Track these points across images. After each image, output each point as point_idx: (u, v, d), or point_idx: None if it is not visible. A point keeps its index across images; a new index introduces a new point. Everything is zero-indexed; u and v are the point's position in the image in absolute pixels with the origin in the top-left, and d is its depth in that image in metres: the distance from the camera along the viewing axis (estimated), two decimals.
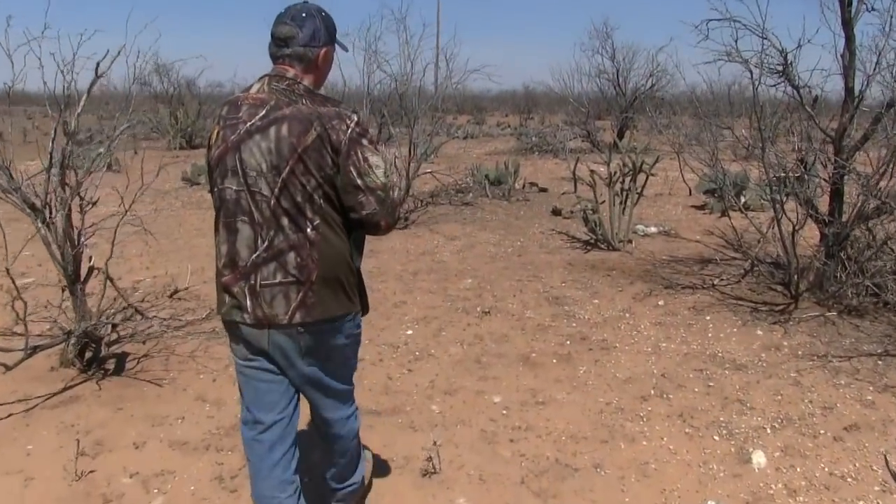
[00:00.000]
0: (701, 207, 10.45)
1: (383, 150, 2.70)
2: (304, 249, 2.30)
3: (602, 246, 7.92)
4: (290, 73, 2.37)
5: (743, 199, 10.05)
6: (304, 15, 2.37)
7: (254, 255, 2.33)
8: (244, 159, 2.29)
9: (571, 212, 9.57)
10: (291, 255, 2.30)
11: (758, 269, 6.56)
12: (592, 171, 7.68)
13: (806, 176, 6.05)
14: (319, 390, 2.59)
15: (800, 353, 4.92)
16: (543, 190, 11.84)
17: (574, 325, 5.46)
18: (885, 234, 6.31)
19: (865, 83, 5.79)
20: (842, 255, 6.02)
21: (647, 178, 7.84)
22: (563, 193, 10.47)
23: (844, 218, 6.10)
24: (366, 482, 3.13)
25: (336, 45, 2.50)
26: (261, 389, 2.53)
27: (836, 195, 6.06)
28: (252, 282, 2.34)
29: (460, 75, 10.14)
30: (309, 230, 2.30)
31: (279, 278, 2.32)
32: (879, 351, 4.90)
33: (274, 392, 2.53)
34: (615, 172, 7.76)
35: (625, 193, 7.82)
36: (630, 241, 7.96)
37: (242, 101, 2.35)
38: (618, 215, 7.81)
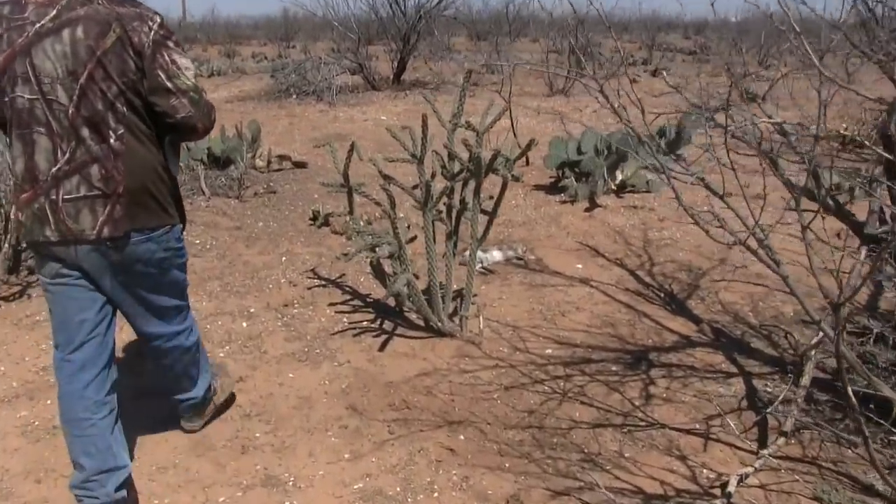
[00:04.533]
0: (553, 188, 6.61)
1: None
2: (109, 161, 2.17)
3: (416, 321, 3.87)
4: None
5: (620, 176, 6.32)
6: None
7: (54, 169, 2.17)
8: (36, 65, 2.11)
9: (348, 222, 5.40)
10: (95, 168, 2.17)
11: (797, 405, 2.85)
12: (388, 179, 3.49)
13: None
14: (139, 305, 2.44)
15: None
16: (301, 165, 7.48)
17: None
18: None
19: None
20: None
21: (504, 185, 3.75)
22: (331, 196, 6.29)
23: None
24: (217, 396, 2.96)
25: None
26: (70, 308, 2.36)
27: None
28: (53, 197, 2.18)
29: None
30: (112, 140, 2.17)
31: (83, 192, 2.18)
32: None
33: (85, 310, 2.36)
34: (432, 177, 3.65)
35: (454, 214, 3.73)
36: (474, 306, 3.91)
37: (28, 0, 2.14)
38: (446, 265, 3.74)
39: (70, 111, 2.14)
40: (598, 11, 2.87)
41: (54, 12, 2.12)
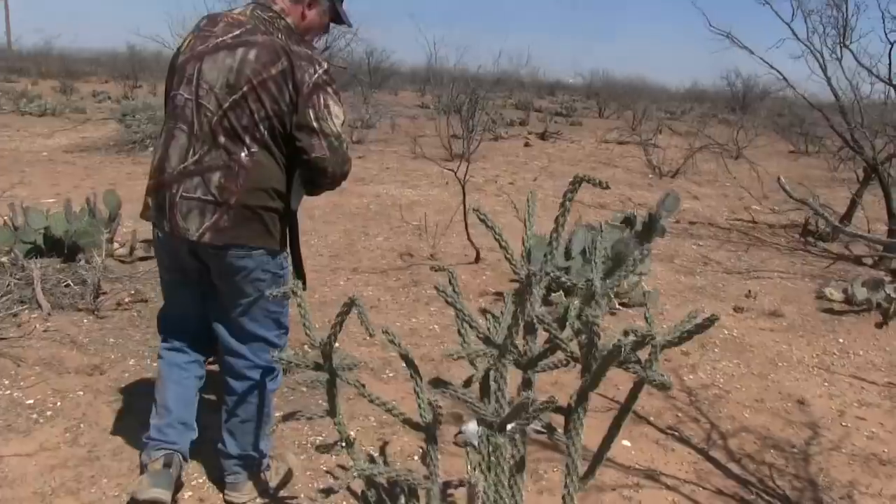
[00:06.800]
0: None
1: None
2: (231, 172, 2.29)
3: None
4: (278, 6, 2.41)
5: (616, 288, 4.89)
6: None
7: (181, 166, 2.32)
8: (203, 70, 2.31)
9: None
10: (217, 175, 2.29)
11: None
12: (439, 386, 1.87)
13: None
14: (229, 320, 2.52)
15: None
16: None
17: None
18: None
19: None
20: None
21: (638, 388, 2.19)
22: None
23: None
24: (270, 474, 2.75)
25: (335, 6, 2.54)
26: (173, 296, 2.66)
27: None
28: (174, 191, 2.33)
29: None
30: (243, 155, 2.29)
31: (199, 194, 2.30)
32: None
33: (186, 302, 2.62)
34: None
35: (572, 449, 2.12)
36: None
37: (222, 18, 2.40)
38: None
39: (214, 119, 2.29)
40: None
41: (238, 32, 2.33)
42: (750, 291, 5.42)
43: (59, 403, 3.31)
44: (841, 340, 4.66)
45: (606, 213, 7.23)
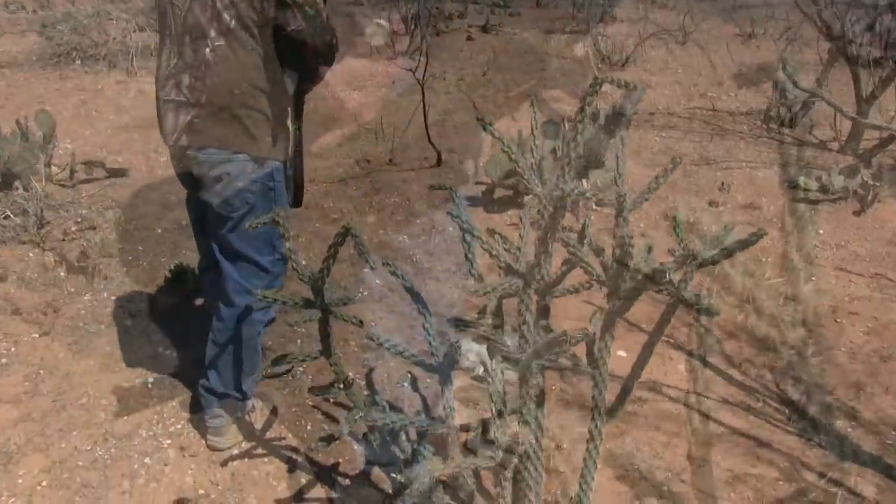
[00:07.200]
0: (493, 203, 4.90)
1: None
2: (199, 70, 2.18)
3: None
4: None
5: (586, 186, 4.71)
6: None
7: (165, 71, 2.26)
8: None
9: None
10: (186, 75, 2.20)
11: None
12: (459, 325, 1.65)
13: None
14: (220, 240, 2.38)
15: None
16: (119, 173, 5.19)
17: None
18: None
19: None
20: None
21: (671, 311, 1.98)
22: None
23: None
24: (255, 415, 2.63)
25: None
26: (187, 204, 2.55)
27: None
28: (161, 98, 2.28)
29: None
30: (207, 51, 2.16)
31: (174, 96, 2.23)
32: None
33: (193, 210, 2.52)
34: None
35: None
36: None
37: None
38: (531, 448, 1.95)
39: (181, 16, 2.16)
40: None
41: None
42: (723, 184, 5.29)
43: (13, 349, 3.04)
44: (821, 231, 4.57)
45: (565, 106, 6.95)
